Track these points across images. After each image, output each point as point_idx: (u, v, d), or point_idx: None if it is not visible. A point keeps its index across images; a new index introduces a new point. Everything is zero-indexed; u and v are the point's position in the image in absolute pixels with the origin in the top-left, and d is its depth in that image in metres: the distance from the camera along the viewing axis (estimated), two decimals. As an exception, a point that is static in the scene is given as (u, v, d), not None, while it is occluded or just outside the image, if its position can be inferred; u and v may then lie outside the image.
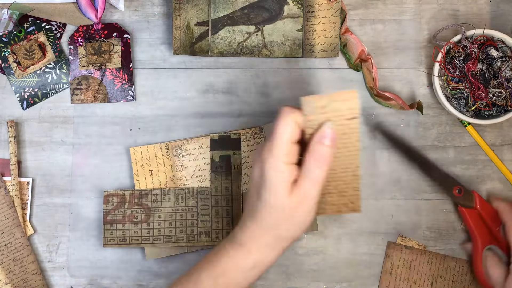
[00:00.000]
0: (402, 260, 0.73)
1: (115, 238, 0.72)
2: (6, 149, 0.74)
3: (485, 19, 0.76)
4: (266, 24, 0.75)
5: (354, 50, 0.74)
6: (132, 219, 0.72)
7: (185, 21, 0.74)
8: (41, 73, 0.75)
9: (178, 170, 0.74)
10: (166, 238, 0.72)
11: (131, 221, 0.72)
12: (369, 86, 0.75)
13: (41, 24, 0.76)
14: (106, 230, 0.72)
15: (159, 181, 0.73)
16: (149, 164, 0.73)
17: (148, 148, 0.74)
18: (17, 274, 0.72)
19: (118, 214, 0.73)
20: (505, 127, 0.75)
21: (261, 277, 0.73)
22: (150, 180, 0.73)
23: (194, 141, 0.74)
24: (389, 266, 0.73)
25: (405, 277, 0.73)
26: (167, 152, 0.74)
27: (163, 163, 0.73)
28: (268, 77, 0.76)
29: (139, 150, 0.74)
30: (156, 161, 0.73)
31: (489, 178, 0.74)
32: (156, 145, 0.74)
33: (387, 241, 0.74)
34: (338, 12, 0.74)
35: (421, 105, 0.73)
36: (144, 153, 0.74)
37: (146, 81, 0.76)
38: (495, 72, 0.69)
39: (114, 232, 0.72)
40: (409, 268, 0.73)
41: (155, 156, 0.73)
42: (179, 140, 0.74)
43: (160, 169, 0.73)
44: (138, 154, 0.74)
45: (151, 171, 0.73)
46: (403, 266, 0.73)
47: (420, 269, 0.73)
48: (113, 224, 0.72)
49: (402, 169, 0.75)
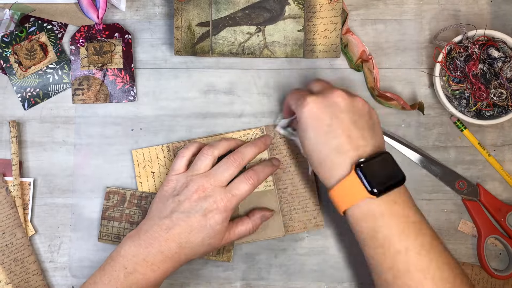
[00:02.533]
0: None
1: (110, 234, 0.73)
2: (8, 149, 0.75)
3: (486, 20, 0.76)
4: (268, 24, 0.75)
5: (355, 51, 0.74)
6: (129, 219, 0.73)
7: (187, 22, 0.74)
8: (43, 73, 0.75)
9: None
10: None
11: (127, 220, 0.73)
12: (370, 86, 0.75)
13: (42, 24, 0.76)
14: (102, 225, 0.73)
15: (161, 182, 0.73)
16: (151, 166, 0.74)
17: (150, 150, 0.74)
18: (18, 275, 0.72)
19: (116, 211, 0.73)
20: (506, 128, 0.75)
21: (262, 277, 0.73)
22: (152, 181, 0.73)
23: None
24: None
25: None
26: (168, 154, 0.74)
27: (165, 164, 0.73)
28: (270, 78, 0.76)
29: (141, 152, 0.74)
30: (158, 162, 0.73)
31: (490, 178, 0.74)
32: (158, 147, 0.74)
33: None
34: (339, 12, 0.74)
35: (422, 105, 0.73)
36: (146, 155, 0.74)
37: (148, 82, 0.76)
38: (496, 72, 0.70)
39: (110, 228, 0.73)
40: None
41: (157, 158, 0.74)
42: (180, 142, 0.74)
43: (162, 170, 0.73)
44: (140, 156, 0.74)
45: (153, 173, 0.73)
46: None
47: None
48: (110, 220, 0.73)
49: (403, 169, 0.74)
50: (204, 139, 0.74)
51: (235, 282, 0.74)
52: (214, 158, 0.68)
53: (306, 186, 0.74)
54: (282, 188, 0.74)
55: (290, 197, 0.74)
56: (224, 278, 0.74)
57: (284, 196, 0.73)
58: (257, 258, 0.74)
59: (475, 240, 0.74)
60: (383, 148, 0.63)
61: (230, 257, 0.72)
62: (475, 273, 0.73)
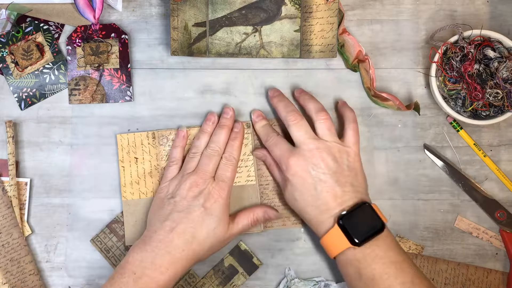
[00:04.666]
0: (396, 263, 0.73)
1: (103, 244, 0.73)
2: (4, 150, 0.75)
3: (483, 20, 0.76)
4: (264, 24, 0.75)
5: (351, 51, 0.74)
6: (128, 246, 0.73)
7: (183, 22, 0.74)
8: (39, 73, 0.75)
9: (163, 159, 0.74)
10: None
11: (126, 246, 0.73)
12: (366, 86, 0.75)
13: (39, 24, 0.76)
14: (103, 232, 0.73)
15: (144, 169, 0.73)
16: (135, 152, 0.74)
17: (135, 136, 0.74)
18: (14, 275, 0.72)
19: (122, 229, 0.73)
20: (502, 128, 0.75)
21: (258, 277, 0.73)
22: (135, 167, 0.73)
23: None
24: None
25: (401, 279, 0.73)
26: (153, 141, 0.74)
27: (149, 151, 0.74)
28: (266, 78, 0.76)
29: (126, 137, 0.74)
30: (142, 149, 0.74)
31: (486, 178, 0.74)
32: (143, 133, 0.74)
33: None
34: (335, 12, 0.74)
35: (418, 105, 0.73)
36: (130, 140, 0.74)
37: (144, 82, 0.76)
38: (492, 72, 0.70)
39: (106, 239, 0.73)
40: (403, 271, 0.73)
41: (141, 144, 0.74)
42: (166, 130, 0.74)
43: (145, 157, 0.74)
44: (125, 141, 0.74)
45: (136, 159, 0.74)
46: (398, 269, 0.73)
47: (413, 272, 0.73)
48: (111, 233, 0.73)
49: (400, 169, 0.75)
50: (190, 129, 0.74)
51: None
52: (200, 154, 0.71)
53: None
54: (264, 184, 0.74)
55: (271, 194, 0.74)
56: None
57: (265, 192, 0.74)
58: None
59: (472, 239, 0.74)
60: (365, 194, 0.68)
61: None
62: (471, 273, 0.73)
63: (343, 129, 0.71)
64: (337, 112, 0.75)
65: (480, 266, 0.73)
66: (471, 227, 0.74)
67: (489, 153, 0.75)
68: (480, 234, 0.74)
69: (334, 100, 0.75)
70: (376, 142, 0.75)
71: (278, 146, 0.69)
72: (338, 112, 0.74)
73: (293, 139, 0.69)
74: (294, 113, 0.70)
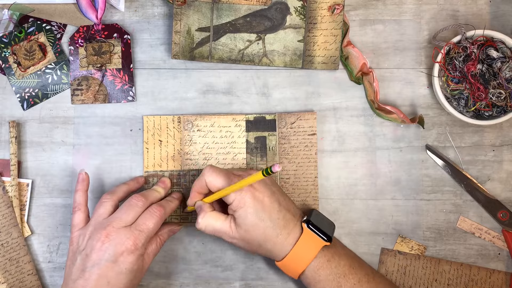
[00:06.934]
0: (396, 266, 0.73)
1: None
2: (7, 150, 0.75)
3: (485, 20, 0.76)
4: (268, 33, 0.75)
5: (356, 63, 0.74)
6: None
7: (186, 26, 0.74)
8: (42, 73, 0.75)
9: (187, 144, 0.74)
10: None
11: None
12: (370, 99, 0.75)
13: (41, 24, 0.76)
14: None
15: (167, 152, 0.74)
16: (160, 135, 0.74)
17: (161, 119, 0.74)
18: (12, 274, 0.72)
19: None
20: (505, 128, 0.75)
21: (261, 277, 0.73)
22: (158, 150, 0.74)
23: (207, 118, 0.74)
24: (384, 272, 0.73)
25: (400, 283, 0.73)
26: (178, 125, 0.74)
27: (173, 135, 0.74)
28: (268, 78, 0.76)
29: (152, 119, 0.74)
30: (167, 132, 0.74)
31: (489, 178, 0.74)
32: (169, 117, 0.74)
33: (381, 248, 0.74)
34: (340, 25, 0.74)
35: (422, 119, 0.73)
36: (156, 122, 0.74)
37: (147, 82, 0.76)
38: (495, 72, 0.69)
39: None
40: (404, 273, 0.73)
41: (167, 128, 0.74)
42: (192, 115, 0.75)
43: (169, 140, 0.74)
44: (151, 123, 0.74)
45: (160, 141, 0.74)
46: (397, 272, 0.73)
47: (415, 274, 0.73)
48: None
49: (402, 169, 0.75)
50: (215, 116, 0.74)
51: (234, 282, 0.74)
52: (114, 202, 0.68)
53: (309, 180, 0.74)
54: (285, 178, 0.74)
55: (291, 188, 0.74)
56: (223, 278, 0.74)
57: (285, 186, 0.74)
58: (256, 258, 0.74)
59: (474, 239, 0.74)
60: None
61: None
62: (473, 274, 0.73)
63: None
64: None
65: (483, 266, 0.73)
66: (474, 227, 0.74)
67: (491, 153, 0.75)
68: (482, 234, 0.74)
69: (336, 100, 0.75)
70: (379, 142, 0.75)
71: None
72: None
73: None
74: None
